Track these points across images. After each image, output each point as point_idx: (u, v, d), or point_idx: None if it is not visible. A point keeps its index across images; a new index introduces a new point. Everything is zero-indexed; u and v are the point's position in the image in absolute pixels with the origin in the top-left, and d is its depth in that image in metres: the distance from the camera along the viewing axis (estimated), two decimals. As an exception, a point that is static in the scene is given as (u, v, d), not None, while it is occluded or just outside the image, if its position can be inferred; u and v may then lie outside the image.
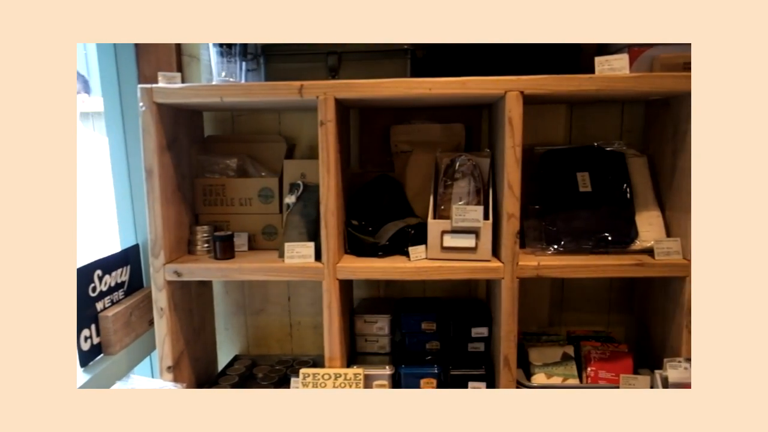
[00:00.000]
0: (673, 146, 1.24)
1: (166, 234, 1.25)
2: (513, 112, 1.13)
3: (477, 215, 1.18)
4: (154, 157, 1.21)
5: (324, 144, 1.17)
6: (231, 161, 1.43)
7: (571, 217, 1.28)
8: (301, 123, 1.51)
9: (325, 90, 1.15)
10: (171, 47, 1.47)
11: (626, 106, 1.44)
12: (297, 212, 1.31)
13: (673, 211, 1.26)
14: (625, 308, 1.53)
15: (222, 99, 1.19)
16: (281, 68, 1.26)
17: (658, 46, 1.18)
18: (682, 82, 1.12)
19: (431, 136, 1.42)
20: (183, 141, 1.35)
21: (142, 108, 1.20)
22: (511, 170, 1.15)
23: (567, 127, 1.45)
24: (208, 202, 1.42)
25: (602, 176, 1.31)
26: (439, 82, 1.13)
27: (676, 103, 1.23)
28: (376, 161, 1.47)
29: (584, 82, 1.12)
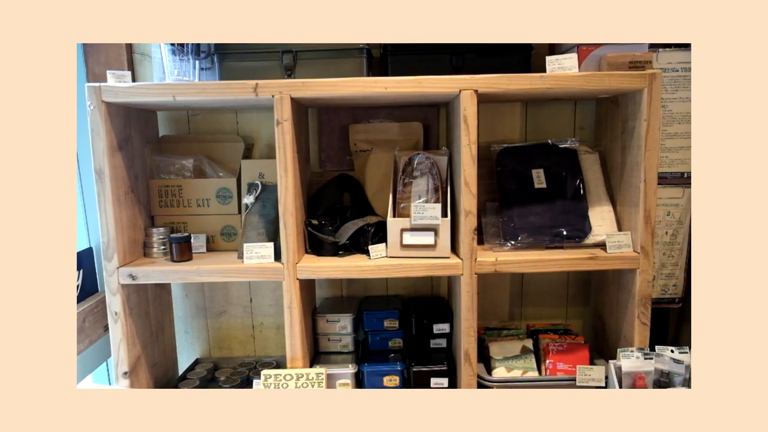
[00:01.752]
0: (622, 142, 1.29)
1: (119, 237, 1.22)
2: (468, 110, 1.14)
3: (435, 213, 1.19)
4: (104, 158, 1.18)
5: (281, 143, 1.16)
6: (187, 161, 1.40)
7: (528, 213, 1.31)
8: (259, 122, 1.49)
9: (280, 89, 1.14)
10: (121, 45, 1.43)
11: (578, 104, 1.48)
12: (256, 212, 1.30)
13: (623, 205, 1.30)
14: (582, 301, 1.58)
15: (175, 98, 1.16)
16: (236, 67, 1.24)
17: (606, 46, 1.22)
18: (628, 81, 1.16)
19: (390, 134, 1.43)
20: (136, 141, 1.32)
21: (91, 107, 1.16)
22: (467, 168, 1.16)
23: (522, 125, 1.48)
24: (165, 203, 1.38)
25: (556, 173, 1.34)
26: (395, 81, 1.14)
27: (624, 101, 1.27)
28: (335, 160, 1.47)
29: (536, 81, 1.15)
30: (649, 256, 1.21)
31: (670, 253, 1.41)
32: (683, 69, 1.30)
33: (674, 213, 1.38)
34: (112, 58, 1.43)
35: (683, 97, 1.32)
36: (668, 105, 1.32)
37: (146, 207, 1.36)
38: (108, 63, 1.43)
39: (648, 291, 1.23)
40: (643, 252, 1.22)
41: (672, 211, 1.38)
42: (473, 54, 1.28)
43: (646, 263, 1.22)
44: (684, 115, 1.33)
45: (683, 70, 1.30)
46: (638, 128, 1.19)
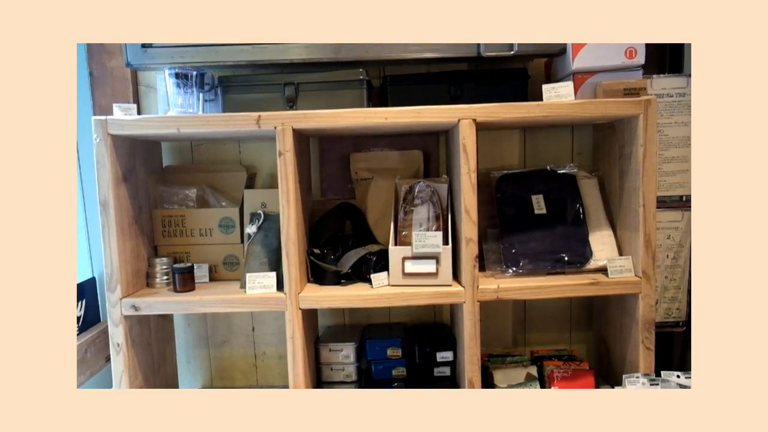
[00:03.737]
0: (619, 167, 1.30)
1: (123, 267, 1.22)
2: (467, 139, 1.16)
3: (436, 241, 1.20)
4: (108, 189, 1.19)
5: (283, 174, 1.18)
6: (190, 191, 1.42)
7: (528, 239, 1.32)
8: (261, 152, 1.51)
9: (282, 121, 1.16)
10: (127, 78, 1.46)
11: (576, 129, 1.50)
12: (258, 242, 1.31)
13: (623, 230, 1.31)
14: (585, 325, 1.57)
15: (179, 130, 1.18)
16: (239, 99, 1.27)
17: (601, 73, 1.24)
18: (623, 107, 1.18)
19: (390, 162, 1.44)
20: (140, 172, 1.34)
21: (97, 140, 1.18)
22: (467, 196, 1.18)
23: (521, 151, 1.50)
24: (168, 233, 1.39)
25: (556, 198, 1.36)
26: (395, 112, 1.16)
27: (620, 127, 1.29)
28: (337, 189, 1.49)
29: (533, 109, 1.17)
30: (651, 281, 1.22)
31: (672, 276, 1.41)
32: (677, 94, 1.33)
33: (674, 236, 1.39)
34: (118, 91, 1.46)
35: (679, 121, 1.34)
36: (664, 129, 1.34)
37: (149, 237, 1.38)
38: (114, 95, 1.46)
39: (651, 315, 1.23)
40: (644, 276, 1.22)
41: (672, 234, 1.38)
42: (471, 83, 1.30)
43: (648, 287, 1.22)
44: (681, 139, 1.35)
45: (677, 95, 1.33)
46: (635, 153, 1.21)
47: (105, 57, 1.43)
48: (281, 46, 1.23)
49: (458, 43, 1.24)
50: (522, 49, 1.24)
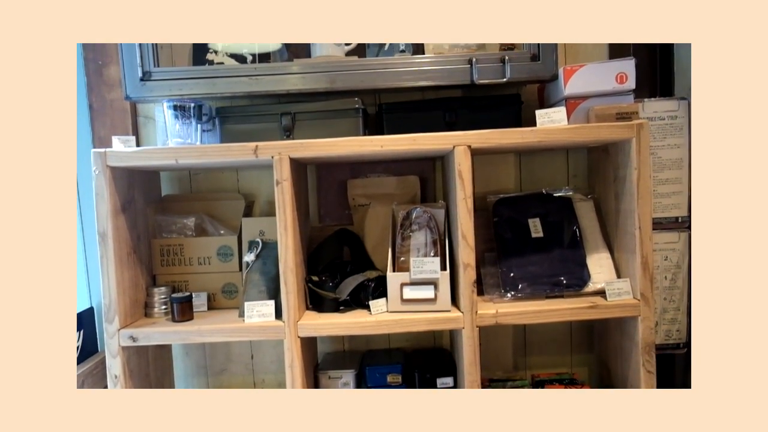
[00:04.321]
0: (615, 190, 1.31)
1: (121, 298, 1.22)
2: (462, 165, 1.17)
3: (434, 267, 1.20)
4: (107, 220, 1.20)
5: (281, 203, 1.19)
6: (189, 220, 1.42)
7: (526, 263, 1.32)
8: (259, 179, 1.52)
9: (279, 150, 1.17)
10: (126, 109, 1.48)
11: (570, 152, 1.52)
12: (257, 270, 1.31)
13: (620, 252, 1.31)
14: (586, 348, 1.56)
15: (177, 161, 1.20)
16: (236, 129, 1.29)
17: (593, 98, 1.26)
18: (616, 132, 1.19)
19: (387, 188, 1.46)
20: (139, 202, 1.34)
21: (96, 172, 1.19)
22: (464, 221, 1.18)
23: (517, 174, 1.52)
24: (166, 262, 1.40)
25: (553, 221, 1.36)
26: (391, 140, 1.18)
27: (614, 150, 1.30)
28: (334, 215, 1.49)
29: (527, 135, 1.19)
30: (650, 303, 1.21)
31: (670, 298, 1.41)
32: (669, 117, 1.35)
33: (672, 257, 1.39)
34: (117, 122, 1.48)
35: (671, 143, 1.35)
36: (657, 152, 1.36)
37: (148, 267, 1.38)
38: (113, 126, 1.48)
39: (651, 338, 1.22)
40: (643, 299, 1.22)
41: (669, 256, 1.39)
42: (465, 109, 1.32)
43: (647, 310, 1.22)
44: (674, 161, 1.36)
45: (669, 118, 1.35)
46: (629, 176, 1.22)
47: (104, 89, 1.46)
48: (278, 77, 1.25)
49: (452, 70, 1.27)
50: (514, 75, 1.26)
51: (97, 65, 1.45)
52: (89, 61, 1.46)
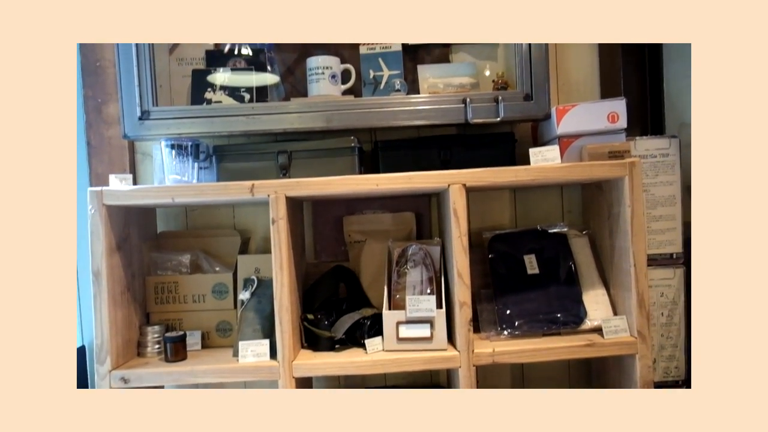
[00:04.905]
0: (609, 227, 1.32)
1: (113, 339, 1.21)
2: (457, 204, 1.18)
3: (430, 305, 1.20)
4: (102, 259, 1.19)
5: (276, 241, 1.19)
6: (184, 257, 1.42)
7: (522, 300, 1.31)
8: (255, 215, 1.53)
9: (275, 189, 1.18)
10: (124, 146, 1.49)
11: (565, 188, 1.53)
12: (251, 308, 1.30)
13: (616, 288, 1.31)
14: (584, 384, 1.54)
15: (174, 200, 1.20)
16: (233, 167, 1.30)
17: (586, 137, 1.28)
18: (609, 170, 1.21)
19: (383, 225, 1.46)
20: (134, 240, 1.34)
21: (92, 211, 1.19)
22: (459, 259, 1.18)
23: (512, 210, 1.52)
24: (160, 300, 1.38)
25: (548, 258, 1.36)
26: (386, 178, 1.19)
27: (607, 187, 1.31)
28: (330, 251, 1.49)
29: (521, 174, 1.20)
30: (647, 341, 1.21)
31: (668, 334, 1.40)
32: (661, 155, 1.37)
33: (668, 294, 1.39)
34: (115, 159, 1.49)
35: (664, 181, 1.37)
36: (650, 189, 1.37)
37: (142, 305, 1.36)
38: (111, 163, 1.49)
39: (649, 376, 1.21)
40: (640, 337, 1.21)
41: (665, 292, 1.39)
42: (460, 147, 1.34)
43: (644, 348, 1.21)
44: (667, 198, 1.37)
45: (661, 156, 1.37)
46: (623, 214, 1.23)
47: (103, 127, 1.47)
48: (275, 116, 1.27)
49: (446, 110, 1.29)
50: (508, 115, 1.28)
51: (96, 103, 1.47)
52: (89, 99, 1.47)
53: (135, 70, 1.27)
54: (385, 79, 1.42)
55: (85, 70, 1.46)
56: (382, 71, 1.43)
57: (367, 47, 1.44)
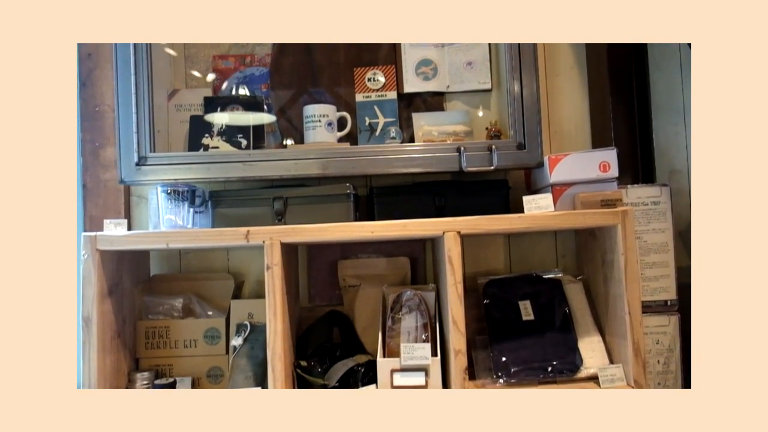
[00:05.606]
0: (603, 274, 1.32)
1: (101, 386, 1.18)
2: (452, 251, 1.18)
3: (425, 353, 1.19)
4: (93, 305, 1.18)
5: (271, 288, 1.18)
6: (176, 301, 1.40)
7: (518, 347, 1.30)
8: (249, 258, 1.52)
9: (271, 235, 1.18)
10: (120, 189, 1.49)
11: (558, 234, 1.54)
12: (244, 355, 1.28)
13: (611, 336, 1.30)
14: (581, 433, 1.51)
15: (168, 245, 1.20)
16: (228, 213, 1.30)
17: (578, 185, 1.30)
18: (602, 218, 1.22)
19: (378, 269, 1.46)
20: (126, 283, 1.33)
21: (85, 256, 1.19)
22: (454, 307, 1.18)
23: (506, 255, 1.53)
24: (151, 345, 1.36)
25: (543, 304, 1.36)
26: (381, 226, 1.19)
27: (601, 234, 1.33)
28: (324, 295, 1.48)
29: (515, 221, 1.21)
30: (644, 389, 1.20)
31: (664, 383, 1.39)
32: (652, 203, 1.38)
33: (663, 341, 1.38)
34: (109, 202, 1.49)
35: (656, 228, 1.39)
36: (643, 236, 1.39)
37: (131, 350, 1.34)
38: (105, 206, 1.49)
39: (647, 427, 1.19)
40: (636, 386, 1.20)
41: (661, 339, 1.38)
42: (454, 193, 1.35)
43: (641, 398, 1.19)
44: (660, 245, 1.39)
45: (652, 203, 1.38)
46: (617, 262, 1.23)
47: (100, 170, 1.48)
48: (272, 162, 1.28)
49: (441, 158, 1.31)
50: (501, 163, 1.31)
51: (93, 147, 1.48)
52: (86, 143, 1.49)
53: (134, 117, 1.28)
54: (380, 126, 1.45)
55: (84, 114, 1.48)
56: (377, 118, 1.45)
57: (363, 95, 1.48)
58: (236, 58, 1.50)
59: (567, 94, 1.55)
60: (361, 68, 1.49)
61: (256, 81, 1.49)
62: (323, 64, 1.49)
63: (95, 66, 1.48)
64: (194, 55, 1.51)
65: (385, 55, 1.50)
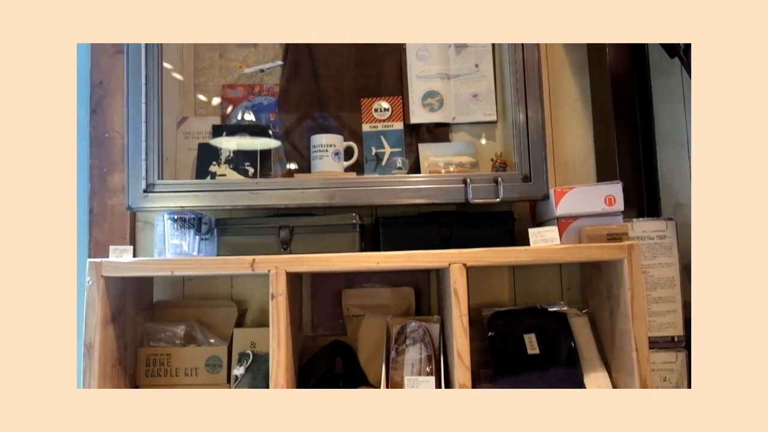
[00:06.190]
0: (609, 308, 1.31)
1: (101, 416, 1.16)
2: (458, 284, 1.18)
3: (429, 386, 1.17)
4: (95, 332, 1.17)
5: (275, 317, 1.17)
6: (179, 328, 1.39)
7: (523, 381, 1.28)
8: (253, 286, 1.52)
9: (276, 264, 1.18)
10: (126, 214, 1.50)
11: (563, 265, 1.54)
12: (245, 385, 1.26)
13: (618, 372, 1.29)
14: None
15: (173, 273, 1.19)
16: (234, 241, 1.30)
17: (583, 218, 1.30)
18: (607, 252, 1.22)
19: (382, 299, 1.45)
20: (129, 310, 1.32)
21: (89, 283, 1.18)
22: (459, 340, 1.17)
23: (511, 287, 1.52)
24: (151, 373, 1.35)
25: (548, 337, 1.35)
26: (387, 256, 1.19)
27: (606, 268, 1.32)
28: (328, 325, 1.47)
29: (521, 254, 1.21)
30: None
31: (672, 420, 1.36)
32: (658, 237, 1.38)
33: (671, 378, 1.36)
34: (115, 227, 1.50)
35: (662, 263, 1.38)
36: (649, 271, 1.38)
37: (132, 377, 1.33)
38: (111, 231, 1.49)
39: (655, 467, 1.17)
40: (644, 424, 1.18)
41: (668, 377, 1.36)
42: (460, 224, 1.35)
43: (649, 437, 1.17)
44: (666, 279, 1.38)
45: (658, 237, 1.38)
46: (623, 296, 1.22)
47: (107, 195, 1.49)
48: (278, 191, 1.29)
49: (447, 189, 1.31)
50: (507, 195, 1.31)
51: (101, 172, 1.49)
52: (94, 168, 1.50)
53: (143, 144, 1.29)
54: (386, 156, 1.46)
55: (94, 140, 1.50)
56: (384, 148, 1.47)
57: (369, 125, 1.49)
58: (245, 87, 1.52)
59: (571, 127, 1.57)
60: (368, 98, 1.51)
61: (264, 110, 1.51)
62: (330, 93, 1.51)
63: (106, 93, 1.50)
64: (203, 84, 1.54)
65: (392, 86, 1.52)
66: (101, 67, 1.52)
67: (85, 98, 1.52)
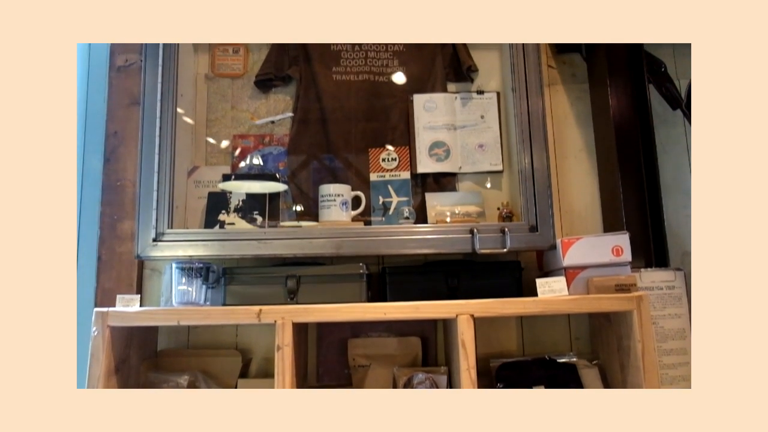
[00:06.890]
0: (619, 360, 1.29)
1: (100, 471, 1.14)
2: (465, 335, 1.17)
3: (437, 442, 1.14)
4: (98, 383, 1.16)
5: (280, 369, 1.16)
6: (182, 379, 1.37)
7: (533, 437, 1.25)
8: (258, 334, 1.50)
9: (283, 315, 1.17)
10: (134, 261, 1.50)
11: (572, 315, 1.52)
12: (248, 439, 1.23)
13: (631, 428, 1.25)
14: None
15: (179, 322, 1.19)
16: (240, 291, 1.30)
17: (590, 268, 1.29)
18: (616, 303, 1.21)
19: (389, 349, 1.43)
20: (133, 359, 1.31)
21: (95, 333, 1.18)
22: (468, 394, 1.14)
23: (519, 337, 1.50)
24: (153, 425, 1.32)
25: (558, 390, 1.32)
26: (393, 307, 1.18)
27: (616, 319, 1.31)
28: (333, 375, 1.45)
29: (528, 305, 1.20)
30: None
31: (689, 479, 1.31)
32: (667, 287, 1.37)
33: (686, 433, 1.32)
34: (123, 275, 1.50)
35: (672, 313, 1.37)
36: (659, 322, 1.36)
37: (133, 430, 1.30)
38: (119, 279, 1.49)
39: None
40: (661, 484, 1.13)
41: None
42: (467, 274, 1.35)
43: (666, 498, 1.13)
44: (677, 331, 1.36)
45: (667, 288, 1.37)
46: (633, 349, 1.21)
47: (116, 243, 1.50)
48: (286, 241, 1.29)
49: (454, 239, 1.32)
50: (514, 245, 1.31)
51: (112, 220, 1.51)
52: (105, 216, 1.52)
53: (155, 194, 1.32)
54: (393, 206, 1.47)
55: (106, 188, 1.52)
56: (391, 198, 1.48)
57: (377, 174, 1.51)
58: (255, 137, 1.56)
59: (577, 176, 1.59)
60: (376, 149, 1.54)
61: (273, 159, 1.54)
62: (339, 144, 1.54)
63: (120, 143, 1.54)
64: (215, 134, 1.57)
65: (399, 137, 1.55)
66: (116, 118, 1.56)
67: (99, 147, 1.56)
